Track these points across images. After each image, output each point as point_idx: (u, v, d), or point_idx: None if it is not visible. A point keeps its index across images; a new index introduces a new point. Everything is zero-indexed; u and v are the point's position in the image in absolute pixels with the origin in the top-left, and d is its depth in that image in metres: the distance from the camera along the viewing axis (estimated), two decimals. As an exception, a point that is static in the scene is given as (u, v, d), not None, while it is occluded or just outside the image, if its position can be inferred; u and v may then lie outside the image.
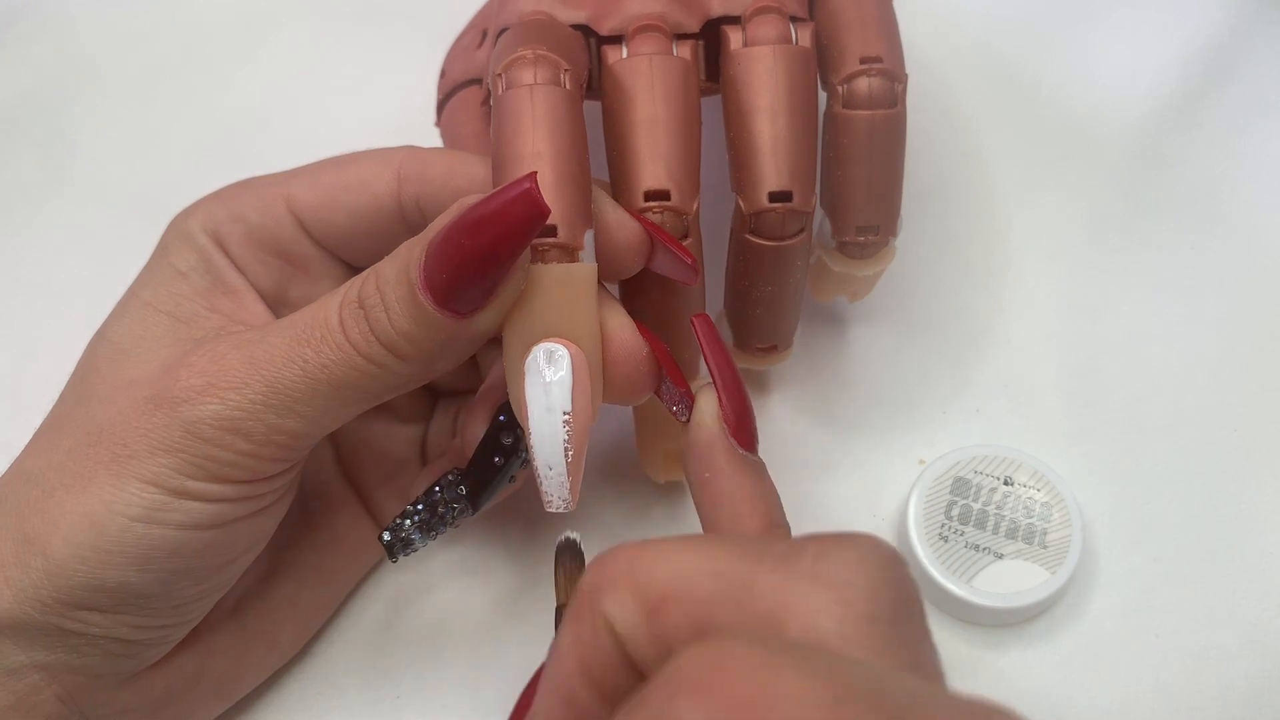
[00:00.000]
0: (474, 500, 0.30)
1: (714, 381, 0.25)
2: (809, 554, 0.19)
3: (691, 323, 0.26)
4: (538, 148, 0.26)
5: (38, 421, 0.29)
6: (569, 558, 0.26)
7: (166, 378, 0.26)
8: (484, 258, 0.24)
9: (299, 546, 0.32)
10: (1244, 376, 0.37)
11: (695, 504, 0.26)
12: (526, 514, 0.36)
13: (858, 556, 0.19)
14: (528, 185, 0.23)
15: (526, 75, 0.26)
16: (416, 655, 0.34)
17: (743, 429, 0.25)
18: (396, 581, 0.35)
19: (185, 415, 0.25)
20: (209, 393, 0.25)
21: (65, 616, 0.25)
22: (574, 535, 0.28)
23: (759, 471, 0.25)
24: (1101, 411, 0.37)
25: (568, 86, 0.27)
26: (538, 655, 0.33)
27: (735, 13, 0.30)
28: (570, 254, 0.26)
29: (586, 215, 0.26)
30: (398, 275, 0.25)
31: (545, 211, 0.23)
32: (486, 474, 0.30)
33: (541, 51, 0.27)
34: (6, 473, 0.28)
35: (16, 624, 0.25)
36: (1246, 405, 0.37)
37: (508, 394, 0.31)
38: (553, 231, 0.25)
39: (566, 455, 0.25)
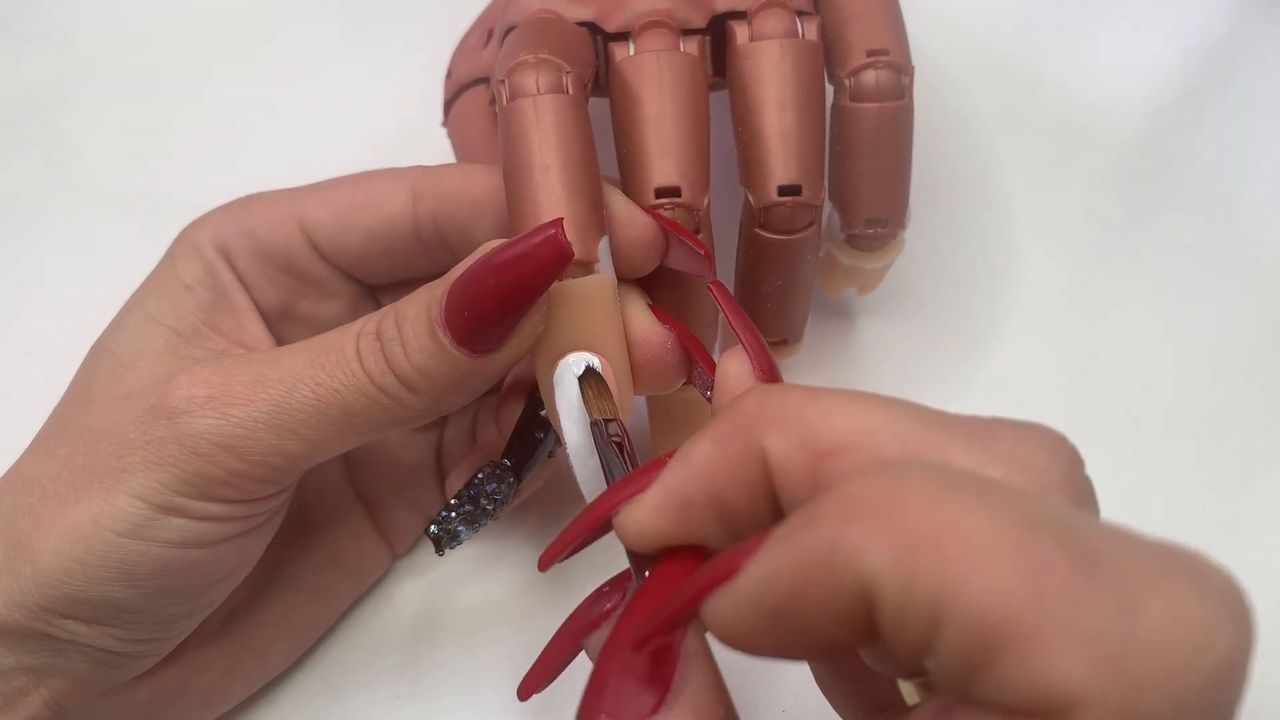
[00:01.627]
0: (518, 473, 0.31)
1: (741, 342, 0.25)
2: (1007, 436, 0.18)
3: (709, 289, 0.26)
4: (545, 161, 0.26)
5: (37, 423, 0.29)
6: (591, 379, 0.26)
7: (167, 386, 0.26)
8: (507, 298, 0.24)
9: (297, 561, 0.32)
10: (1244, 376, 0.37)
11: None
12: (528, 515, 0.36)
13: (1054, 446, 0.18)
14: (553, 231, 0.23)
15: (529, 82, 0.27)
16: (417, 656, 0.34)
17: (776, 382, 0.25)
18: (397, 583, 0.35)
19: (183, 428, 0.25)
20: (210, 406, 0.25)
21: (51, 624, 0.25)
22: (591, 360, 0.27)
23: None
24: (1101, 411, 0.37)
25: (571, 91, 0.27)
26: (537, 655, 0.33)
27: (741, 8, 0.30)
28: (586, 268, 0.26)
29: (599, 225, 0.26)
30: (418, 313, 0.25)
31: (570, 256, 0.24)
32: (529, 447, 0.31)
33: (543, 55, 0.27)
34: (4, 477, 0.28)
35: (5, 628, 0.25)
36: (1246, 405, 0.37)
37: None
38: None
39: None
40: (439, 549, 0.31)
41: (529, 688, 0.24)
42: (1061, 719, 0.14)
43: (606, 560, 0.35)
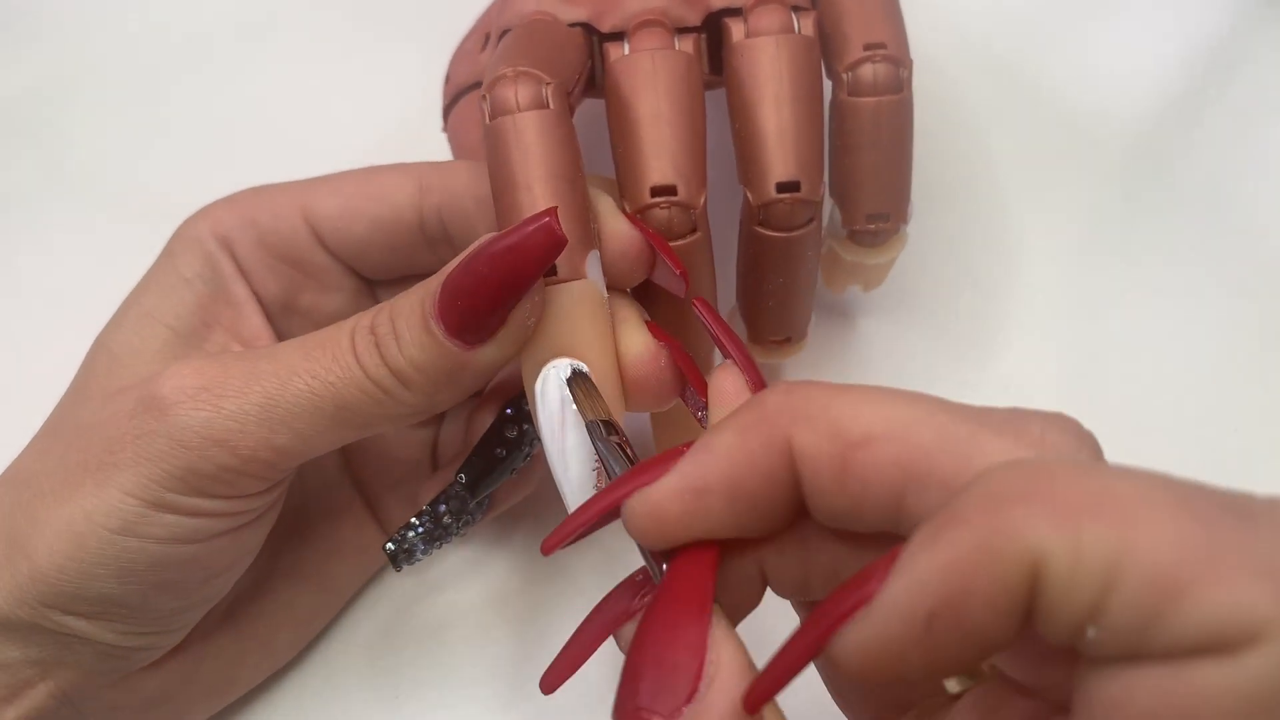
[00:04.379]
0: (473, 489, 0.30)
1: (731, 357, 0.25)
2: (1035, 423, 0.19)
3: (694, 304, 0.26)
4: (528, 180, 0.26)
5: (37, 422, 0.29)
6: (580, 380, 0.26)
7: (158, 378, 0.26)
8: (499, 284, 0.24)
9: (298, 550, 0.32)
10: (1244, 377, 0.37)
11: None
12: (526, 515, 0.36)
13: (1077, 432, 0.19)
14: (547, 219, 0.24)
15: (508, 95, 0.27)
16: (416, 655, 0.34)
17: None
18: (396, 582, 0.35)
19: (173, 421, 0.25)
20: (202, 398, 0.25)
21: (51, 619, 0.26)
22: (578, 365, 0.26)
23: None
24: (1101, 412, 0.37)
25: (552, 104, 0.27)
26: (537, 656, 0.33)
27: (736, 4, 0.30)
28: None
29: (586, 240, 0.26)
30: (412, 307, 0.26)
31: (563, 242, 0.24)
32: (488, 465, 0.30)
33: (522, 68, 0.27)
34: (3, 475, 0.28)
35: (7, 622, 0.26)
36: (1246, 406, 0.37)
37: (516, 391, 0.31)
38: (553, 268, 0.26)
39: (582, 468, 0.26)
40: (396, 566, 0.31)
41: (553, 681, 0.23)
42: (1247, 648, 0.15)
43: (608, 558, 0.35)
